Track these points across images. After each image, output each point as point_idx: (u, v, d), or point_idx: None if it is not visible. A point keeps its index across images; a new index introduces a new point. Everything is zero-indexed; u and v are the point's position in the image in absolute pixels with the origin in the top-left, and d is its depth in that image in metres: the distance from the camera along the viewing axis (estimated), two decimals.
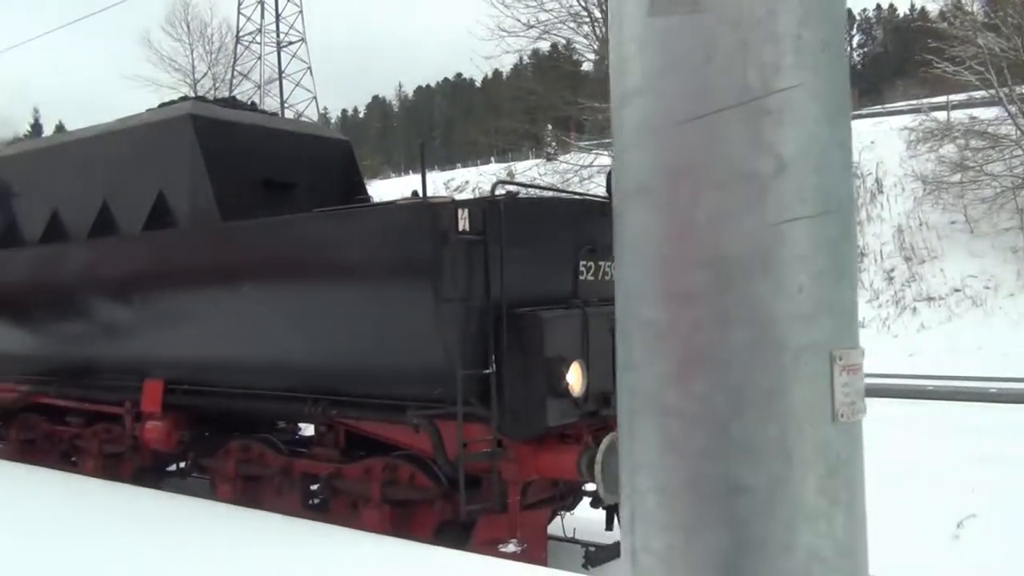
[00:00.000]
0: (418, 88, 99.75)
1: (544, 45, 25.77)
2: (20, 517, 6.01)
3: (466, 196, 20.66)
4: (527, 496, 5.73)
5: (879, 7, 76.70)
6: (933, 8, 28.28)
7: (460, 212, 5.22)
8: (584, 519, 6.53)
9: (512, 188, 5.96)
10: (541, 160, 28.47)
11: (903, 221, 22.13)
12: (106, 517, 5.96)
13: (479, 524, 5.56)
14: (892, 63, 58.15)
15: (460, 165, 46.75)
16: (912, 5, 65.27)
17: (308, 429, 7.46)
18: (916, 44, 31.82)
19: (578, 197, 7.69)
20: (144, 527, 5.67)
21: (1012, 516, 6.73)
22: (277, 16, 49.40)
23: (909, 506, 6.84)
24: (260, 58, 48.14)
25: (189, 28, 42.95)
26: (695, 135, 1.07)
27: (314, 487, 6.62)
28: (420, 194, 5.61)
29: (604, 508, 6.06)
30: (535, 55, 30.36)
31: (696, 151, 1.07)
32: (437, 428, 5.49)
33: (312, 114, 47.94)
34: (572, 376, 5.27)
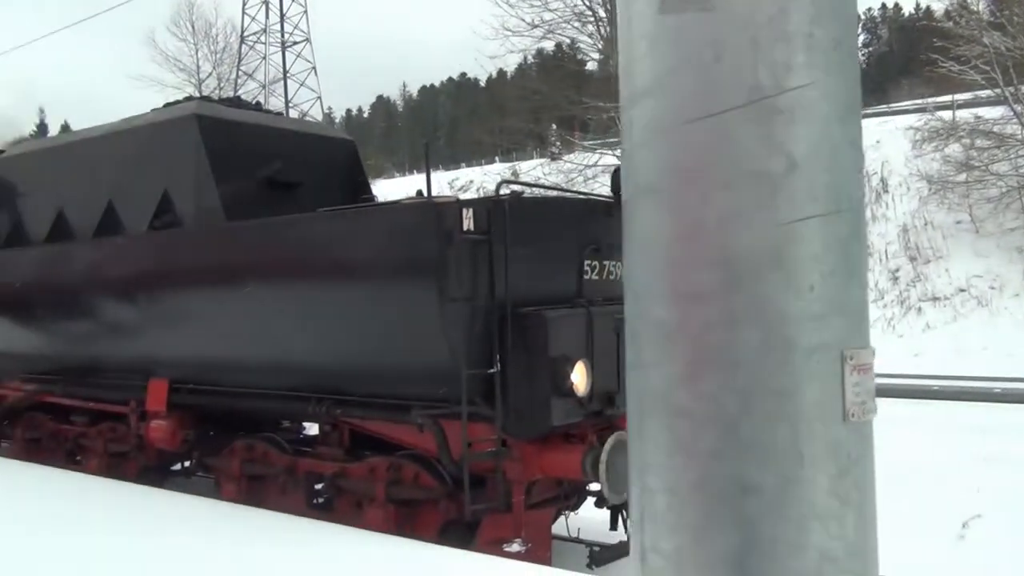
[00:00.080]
0: (422, 88, 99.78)
1: (548, 45, 25.79)
2: (24, 516, 6.03)
3: (470, 196, 20.66)
4: (531, 496, 5.73)
5: (884, 6, 76.57)
6: (939, 7, 28.24)
7: (465, 212, 5.22)
8: (588, 519, 6.52)
9: (516, 188, 5.95)
10: (545, 160, 28.46)
11: (908, 221, 22.09)
12: (109, 516, 5.97)
13: (483, 524, 5.56)
14: (897, 62, 58.01)
15: (464, 165, 46.75)
16: (917, 4, 65.08)
17: (312, 428, 7.47)
18: (921, 43, 31.76)
19: (583, 197, 7.69)
20: (148, 526, 5.67)
21: (1017, 516, 6.71)
22: (282, 16, 49.46)
23: (914, 506, 6.82)
24: (265, 58, 48.24)
25: (194, 28, 43.11)
26: (705, 134, 1.07)
27: (318, 486, 6.63)
28: (425, 194, 5.62)
29: (608, 508, 6.06)
30: (539, 55, 30.39)
31: (706, 150, 1.07)
32: (441, 428, 5.49)
33: (317, 114, 48.00)
34: (576, 376, 5.27)
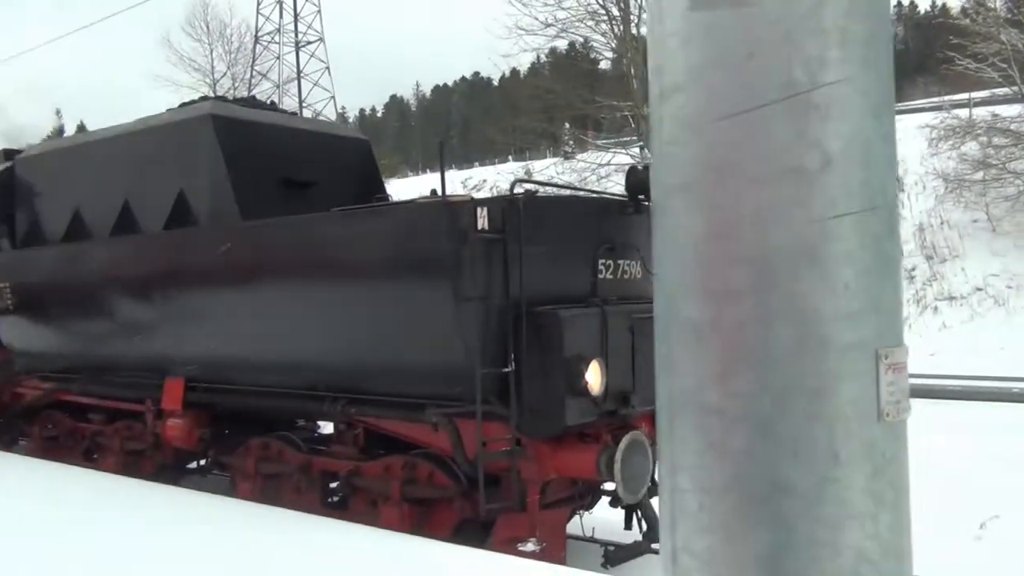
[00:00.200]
0: (436, 87, 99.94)
1: (562, 43, 25.74)
2: (43, 514, 6.07)
3: (484, 195, 20.67)
4: (546, 495, 5.72)
5: (900, 4, 76.07)
6: (955, 4, 28.04)
7: (479, 211, 5.22)
8: (603, 519, 6.51)
9: (531, 187, 5.94)
10: (559, 159, 28.43)
11: (924, 219, 21.92)
12: (127, 514, 6.01)
13: (498, 523, 5.56)
14: (913, 60, 57.59)
15: (478, 164, 46.79)
16: (933, 2, 64.68)
17: (327, 427, 7.49)
18: (937, 41, 31.52)
19: (597, 196, 7.67)
20: (164, 524, 5.71)
21: None
22: (295, 16, 49.62)
23: (931, 506, 6.75)
24: (279, 58, 48.41)
25: (209, 29, 43.31)
26: (738, 131, 1.06)
27: (333, 485, 6.65)
28: (439, 193, 5.62)
29: (623, 508, 6.04)
30: (552, 53, 30.32)
31: (739, 147, 1.06)
32: (456, 427, 5.49)
33: (330, 113, 48.14)
34: (591, 375, 5.25)
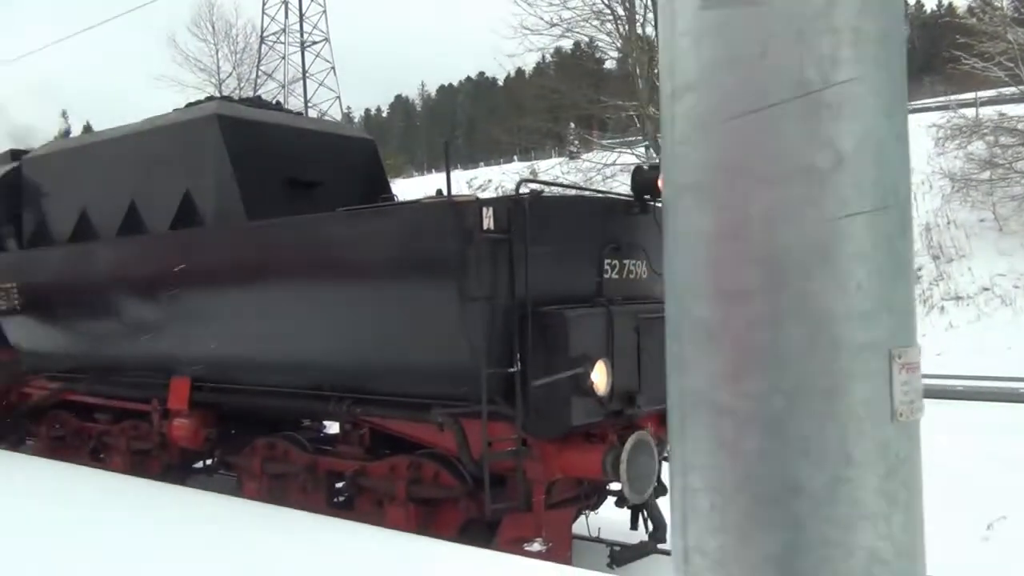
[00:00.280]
0: (441, 87, 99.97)
1: (567, 43, 25.73)
2: (50, 514, 6.09)
3: (489, 195, 20.67)
4: (552, 495, 5.72)
5: (906, 3, 75.87)
6: (961, 3, 27.94)
7: (485, 211, 5.21)
8: (609, 519, 6.51)
9: (536, 186, 5.94)
10: (564, 159, 28.41)
11: (931, 219, 21.86)
12: (134, 514, 6.02)
13: (504, 523, 5.56)
14: (919, 60, 57.40)
15: (483, 164, 46.81)
16: (940, 1, 64.49)
17: (333, 427, 7.50)
18: (944, 40, 31.43)
19: (602, 196, 7.67)
20: (171, 523, 5.72)
21: None
22: (301, 16, 49.70)
23: (937, 507, 6.73)
24: (284, 58, 48.48)
25: (214, 29, 43.30)
26: (750, 130, 1.05)
27: (339, 485, 6.66)
28: (445, 193, 5.62)
29: (629, 508, 6.04)
30: (557, 53, 30.31)
31: (751, 146, 1.05)
32: (462, 427, 5.49)
33: (336, 113, 48.21)
34: (597, 375, 5.25)
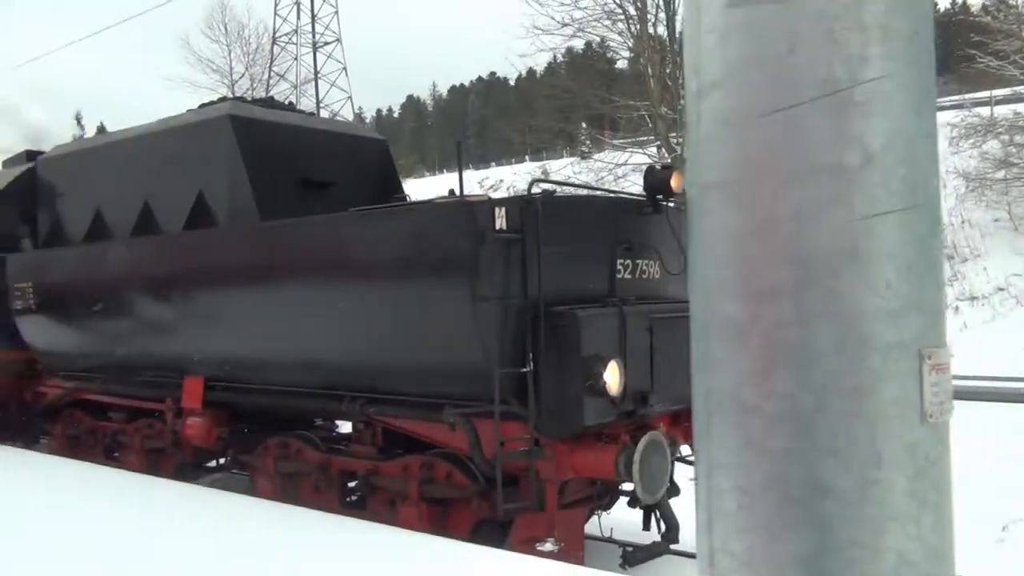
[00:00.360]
0: (452, 87, 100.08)
1: (578, 43, 25.70)
2: (69, 513, 6.13)
3: (500, 195, 20.67)
4: (564, 495, 5.72)
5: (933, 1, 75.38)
6: (975, 2, 27.74)
7: (497, 211, 5.22)
8: (621, 519, 6.50)
9: (548, 186, 5.93)
10: (575, 159, 28.39)
11: (945, 219, 21.70)
12: (144, 512, 6.05)
13: (516, 523, 5.56)
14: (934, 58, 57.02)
15: (494, 164, 46.85)
16: (954, 0, 64.06)
17: (345, 426, 7.52)
18: (958, 39, 31.20)
19: (615, 196, 7.66)
20: (185, 523, 5.74)
21: None
22: (313, 17, 49.81)
23: (953, 508, 6.70)
24: (296, 59, 48.59)
25: (227, 30, 43.44)
26: (778, 128, 1.05)
27: (351, 484, 6.67)
28: (457, 193, 5.62)
29: (641, 508, 6.03)
30: (569, 53, 30.30)
31: (779, 144, 1.05)
32: (474, 426, 5.50)
33: (347, 114, 48.30)
34: (609, 375, 5.24)
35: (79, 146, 10.21)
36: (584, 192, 8.87)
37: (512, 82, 72.00)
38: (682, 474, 6.29)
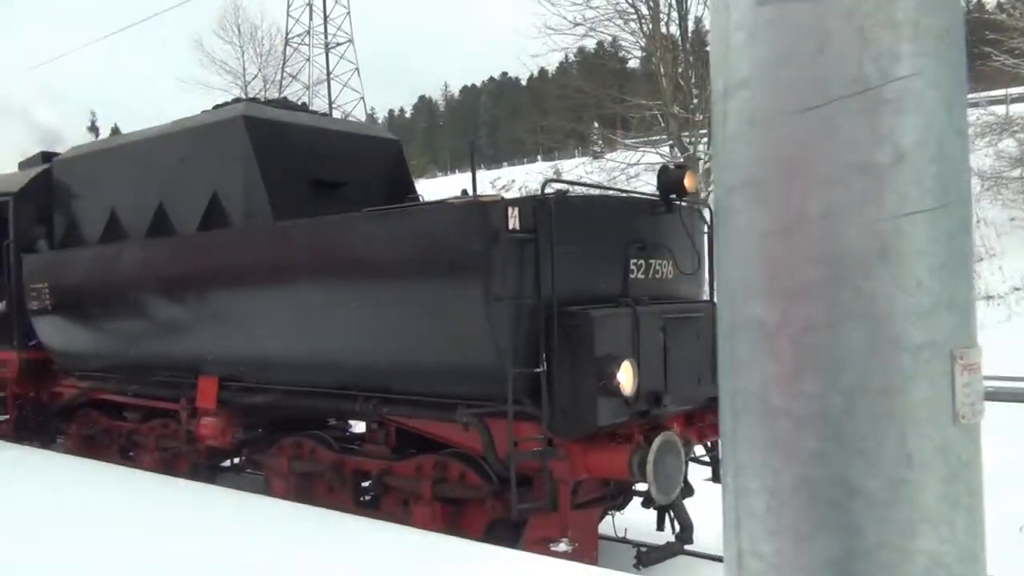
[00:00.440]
0: (464, 87, 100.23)
1: (590, 43, 25.64)
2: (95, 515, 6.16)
3: (512, 195, 20.67)
4: (578, 495, 5.71)
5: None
6: (990, 0, 27.54)
7: (511, 211, 5.22)
8: (635, 519, 6.49)
9: (561, 186, 5.93)
10: (587, 158, 28.35)
11: None
12: (156, 510, 6.08)
13: (530, 523, 5.56)
14: None
15: (506, 164, 46.87)
16: None
17: (359, 426, 7.53)
18: (973, 37, 31.00)
19: (628, 195, 7.65)
20: (201, 522, 5.77)
21: None
22: (325, 18, 49.95)
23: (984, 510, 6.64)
24: (309, 59, 48.74)
25: (240, 31, 43.60)
26: (807, 126, 1.04)
27: (365, 484, 6.69)
28: (470, 193, 5.63)
29: (655, 509, 6.01)
30: (580, 52, 30.24)
31: (808, 143, 1.04)
32: (487, 427, 5.50)
33: (360, 114, 48.42)
34: (623, 375, 5.23)
35: (94, 147, 10.27)
36: (597, 192, 8.85)
37: (524, 82, 72.04)
38: (696, 475, 6.27)
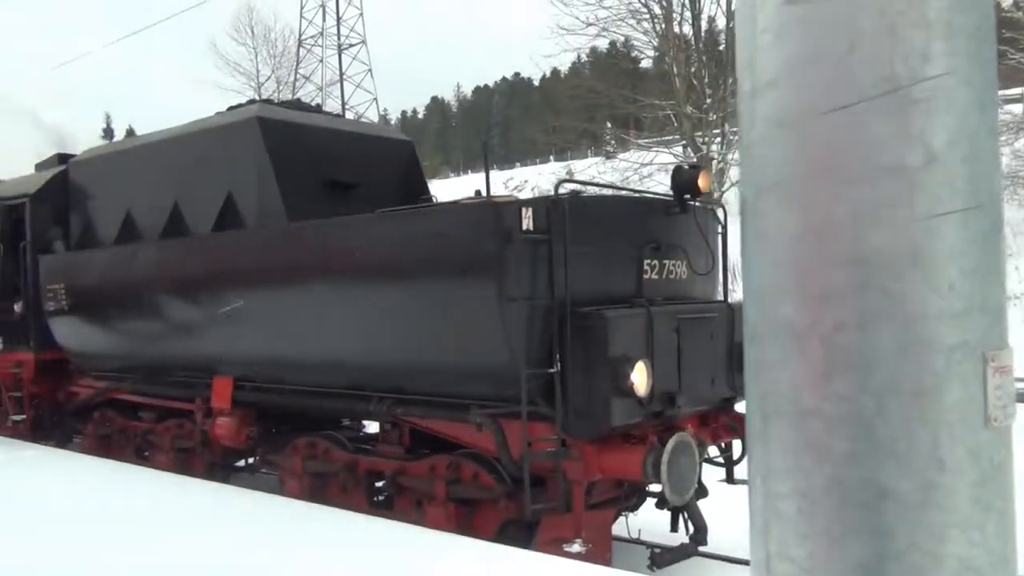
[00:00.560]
0: (476, 88, 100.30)
1: (602, 43, 25.60)
2: (107, 514, 6.20)
3: (525, 195, 20.66)
4: (591, 496, 5.70)
5: None
6: None
7: (524, 211, 5.22)
8: (649, 520, 6.47)
9: (575, 186, 5.92)
10: (600, 158, 28.30)
11: None
12: (162, 508, 6.12)
13: (543, 524, 5.55)
14: None
15: (519, 164, 46.88)
16: None
17: (373, 427, 7.54)
18: None
19: (641, 196, 7.63)
20: (214, 521, 5.80)
21: None
22: (338, 19, 50.10)
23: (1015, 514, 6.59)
24: (322, 61, 48.91)
25: (253, 33, 43.82)
26: (836, 127, 1.03)
27: (379, 484, 6.70)
28: (484, 193, 5.63)
29: (669, 509, 6.00)
30: (593, 53, 30.22)
31: (837, 144, 1.04)
32: (501, 427, 5.50)
33: (373, 115, 48.57)
34: (637, 376, 5.22)
35: (110, 149, 10.33)
36: (610, 192, 8.84)
37: (536, 82, 72.01)
38: (710, 476, 6.25)
